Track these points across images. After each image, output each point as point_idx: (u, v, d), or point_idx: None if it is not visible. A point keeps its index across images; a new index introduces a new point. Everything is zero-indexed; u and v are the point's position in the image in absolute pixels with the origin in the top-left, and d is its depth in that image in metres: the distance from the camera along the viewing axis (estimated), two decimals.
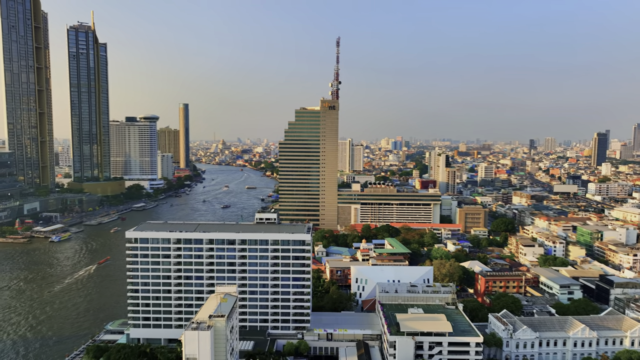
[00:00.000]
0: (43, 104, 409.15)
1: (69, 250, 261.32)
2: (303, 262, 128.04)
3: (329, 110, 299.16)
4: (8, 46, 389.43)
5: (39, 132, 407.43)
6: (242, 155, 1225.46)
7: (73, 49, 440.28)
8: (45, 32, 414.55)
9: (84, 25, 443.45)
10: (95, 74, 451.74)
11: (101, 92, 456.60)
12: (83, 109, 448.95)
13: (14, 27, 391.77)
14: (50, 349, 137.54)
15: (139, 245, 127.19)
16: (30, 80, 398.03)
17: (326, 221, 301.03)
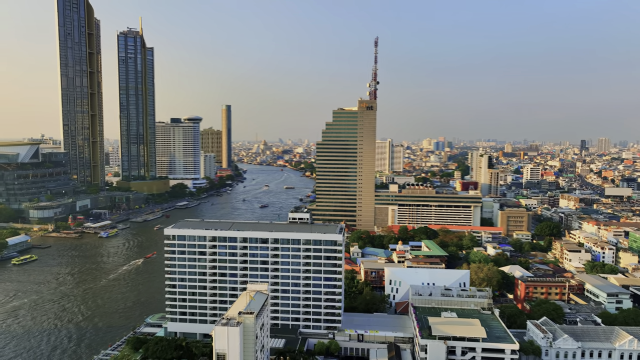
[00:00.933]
0: (95, 106, 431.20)
1: (116, 245, 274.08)
2: (334, 263, 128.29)
3: (366, 110, 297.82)
4: (64, 52, 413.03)
5: (90, 133, 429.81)
6: (283, 155, 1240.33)
7: (122, 54, 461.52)
8: (97, 38, 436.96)
9: (133, 30, 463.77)
10: (143, 77, 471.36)
11: (148, 95, 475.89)
12: (131, 111, 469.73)
13: (69, 35, 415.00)
14: (97, 338, 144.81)
15: (176, 242, 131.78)
16: (83, 84, 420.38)
17: (363, 222, 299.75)
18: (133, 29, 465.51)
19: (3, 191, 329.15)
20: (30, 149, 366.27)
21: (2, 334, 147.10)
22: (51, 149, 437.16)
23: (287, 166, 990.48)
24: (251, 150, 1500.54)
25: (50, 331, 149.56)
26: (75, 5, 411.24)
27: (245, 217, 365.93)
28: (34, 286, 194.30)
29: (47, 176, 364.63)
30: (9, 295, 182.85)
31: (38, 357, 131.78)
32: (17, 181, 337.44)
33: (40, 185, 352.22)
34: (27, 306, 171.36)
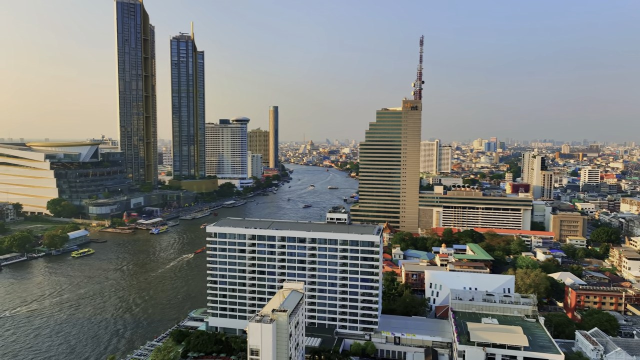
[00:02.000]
0: (149, 108, 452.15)
1: (166, 241, 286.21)
2: (372, 264, 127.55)
3: (411, 110, 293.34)
4: (122, 57, 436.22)
5: (145, 134, 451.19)
6: (329, 156, 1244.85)
7: (175, 58, 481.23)
8: (152, 43, 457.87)
9: (185, 35, 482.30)
10: (194, 80, 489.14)
11: (198, 97, 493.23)
12: (182, 113, 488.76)
13: (127, 41, 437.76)
14: (145, 329, 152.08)
15: (217, 240, 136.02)
16: (139, 87, 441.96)
17: (406, 224, 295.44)
18: (185, 34, 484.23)
19: (66, 188, 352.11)
20: (90, 149, 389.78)
21: (66, 321, 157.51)
22: (109, 149, 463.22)
23: (332, 167, 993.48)
24: (298, 150, 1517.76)
25: (107, 320, 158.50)
26: (132, 12, 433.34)
27: (289, 216, 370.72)
28: (92, 278, 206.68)
29: (105, 175, 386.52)
30: (72, 285, 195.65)
31: (97, 344, 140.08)
32: (79, 179, 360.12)
33: (99, 183, 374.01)
34: (87, 296, 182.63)
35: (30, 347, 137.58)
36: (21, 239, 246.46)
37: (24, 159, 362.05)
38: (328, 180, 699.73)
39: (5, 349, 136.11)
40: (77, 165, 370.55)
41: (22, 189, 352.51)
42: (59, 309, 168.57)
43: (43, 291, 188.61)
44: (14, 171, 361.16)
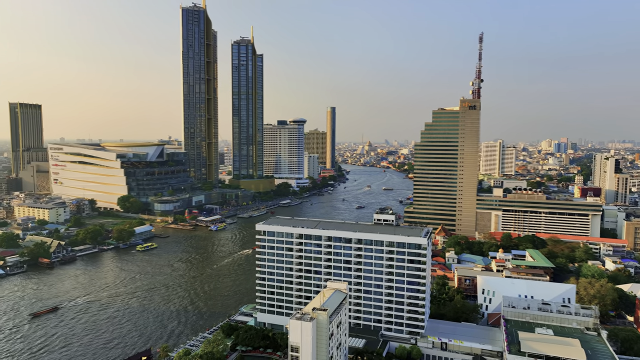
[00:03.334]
0: (211, 110, 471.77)
1: (224, 238, 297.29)
2: (418, 267, 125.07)
3: (469, 110, 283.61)
4: (186, 62, 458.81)
5: (207, 135, 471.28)
6: (387, 156, 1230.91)
7: (236, 61, 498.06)
8: (214, 48, 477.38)
9: (245, 39, 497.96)
10: (253, 83, 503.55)
11: (257, 99, 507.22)
12: (242, 114, 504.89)
13: (191, 46, 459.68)
14: (199, 321, 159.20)
15: (266, 238, 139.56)
16: (201, 91, 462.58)
17: (463, 227, 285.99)
18: (245, 38, 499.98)
19: (135, 186, 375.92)
20: (156, 150, 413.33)
21: (125, 309, 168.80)
22: (174, 149, 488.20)
23: (390, 167, 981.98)
24: (356, 151, 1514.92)
25: (163, 311, 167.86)
26: (196, 19, 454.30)
27: (343, 217, 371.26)
28: (154, 271, 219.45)
29: (170, 173, 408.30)
30: (134, 277, 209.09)
31: (151, 333, 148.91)
32: (146, 178, 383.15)
33: (163, 181, 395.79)
34: (148, 288, 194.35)
35: (96, 333, 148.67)
36: (94, 232, 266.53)
37: (98, 158, 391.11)
38: (384, 181, 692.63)
39: (78, 333, 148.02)
40: (144, 164, 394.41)
41: (96, 186, 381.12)
42: (123, 298, 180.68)
43: (110, 281, 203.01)
44: (90, 169, 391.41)
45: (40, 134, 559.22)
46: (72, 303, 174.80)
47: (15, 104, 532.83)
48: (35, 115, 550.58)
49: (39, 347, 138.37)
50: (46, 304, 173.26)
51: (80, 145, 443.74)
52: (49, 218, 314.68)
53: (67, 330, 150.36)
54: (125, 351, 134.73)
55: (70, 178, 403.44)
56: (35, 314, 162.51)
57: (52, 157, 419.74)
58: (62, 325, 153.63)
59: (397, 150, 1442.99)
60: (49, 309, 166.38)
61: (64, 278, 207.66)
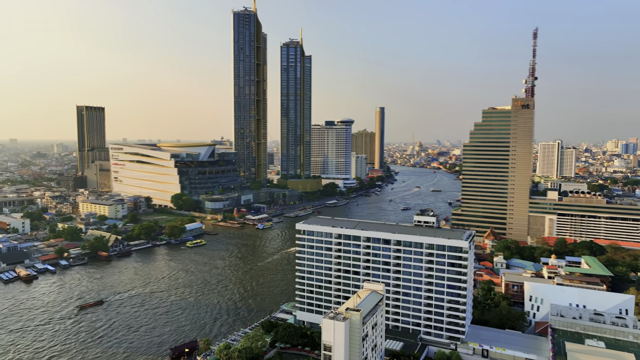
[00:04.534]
0: (260, 111, 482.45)
1: (271, 236, 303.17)
2: (459, 270, 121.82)
3: (521, 109, 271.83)
4: (237, 65, 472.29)
5: (256, 136, 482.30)
6: (438, 157, 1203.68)
7: (284, 63, 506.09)
8: (264, 50, 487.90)
9: (294, 41, 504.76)
10: (301, 84, 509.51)
11: (305, 99, 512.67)
12: (290, 115, 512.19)
13: (242, 49, 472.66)
14: (243, 317, 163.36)
15: (306, 237, 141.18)
16: (251, 92, 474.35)
17: (514, 231, 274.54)
18: (294, 40, 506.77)
19: (187, 185, 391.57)
20: (208, 150, 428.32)
21: (174, 303, 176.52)
22: (225, 150, 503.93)
23: (440, 168, 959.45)
24: (406, 152, 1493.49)
25: (209, 305, 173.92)
26: (247, 22, 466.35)
27: (388, 218, 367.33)
28: (203, 266, 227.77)
29: (220, 173, 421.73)
30: (183, 272, 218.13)
31: (202, 326, 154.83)
32: (197, 177, 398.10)
33: (214, 180, 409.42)
34: (197, 282, 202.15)
35: (149, 324, 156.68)
36: (148, 228, 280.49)
37: (154, 157, 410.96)
38: (434, 183, 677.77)
39: (129, 324, 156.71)
40: (196, 164, 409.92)
41: (152, 184, 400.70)
42: (171, 292, 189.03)
43: (161, 275, 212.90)
44: (146, 168, 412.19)
45: (103, 134, 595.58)
46: (127, 294, 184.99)
47: (82, 106, 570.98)
48: (99, 117, 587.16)
49: (99, 333, 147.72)
50: (102, 294, 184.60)
51: (138, 145, 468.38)
52: (109, 214, 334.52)
53: (121, 320, 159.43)
54: (171, 343, 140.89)
55: (128, 176, 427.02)
56: (83, 306, 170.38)
57: (112, 157, 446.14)
58: (116, 315, 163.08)
59: (448, 151, 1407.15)
60: (94, 302, 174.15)
61: (120, 271, 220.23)
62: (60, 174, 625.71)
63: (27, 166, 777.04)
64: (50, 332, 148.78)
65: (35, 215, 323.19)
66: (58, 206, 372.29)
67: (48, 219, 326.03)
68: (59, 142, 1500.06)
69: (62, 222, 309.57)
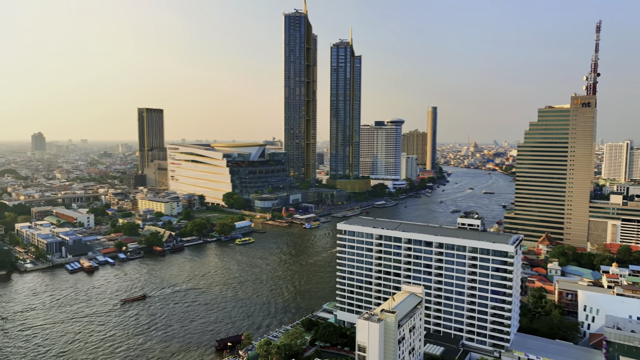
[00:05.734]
0: (309, 112, 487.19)
1: (317, 236, 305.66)
2: (504, 276, 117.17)
3: (581, 107, 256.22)
4: (288, 66, 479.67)
5: (305, 136, 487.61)
6: (494, 158, 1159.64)
7: (334, 64, 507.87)
8: (314, 51, 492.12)
9: (344, 42, 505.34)
10: (351, 84, 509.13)
11: (354, 100, 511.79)
12: (340, 115, 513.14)
13: (292, 51, 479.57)
14: (287, 314, 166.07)
15: (347, 237, 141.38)
16: (301, 93, 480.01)
17: (571, 236, 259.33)
18: (344, 40, 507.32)
19: (238, 184, 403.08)
20: (258, 150, 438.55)
21: (226, 298, 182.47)
22: (275, 150, 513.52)
23: (496, 170, 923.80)
24: (460, 152, 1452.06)
25: (256, 302, 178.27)
26: (298, 24, 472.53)
27: (438, 220, 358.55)
28: (251, 263, 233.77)
29: (270, 172, 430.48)
30: (232, 268, 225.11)
31: (247, 321, 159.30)
32: (248, 176, 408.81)
33: (264, 180, 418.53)
34: (246, 279, 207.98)
35: (197, 317, 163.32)
36: (200, 225, 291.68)
37: (207, 157, 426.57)
38: (488, 185, 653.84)
39: (179, 316, 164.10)
40: (247, 163, 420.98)
41: (205, 182, 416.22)
42: (221, 287, 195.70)
43: (212, 270, 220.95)
44: (200, 168, 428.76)
45: (161, 135, 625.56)
46: (177, 288, 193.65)
47: (142, 109, 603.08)
48: (158, 119, 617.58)
49: (147, 325, 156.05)
50: (154, 287, 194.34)
51: (193, 145, 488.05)
52: (165, 211, 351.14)
53: (171, 312, 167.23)
54: (217, 335, 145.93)
55: (184, 175, 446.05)
56: (126, 300, 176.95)
57: (169, 156, 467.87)
58: (167, 308, 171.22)
59: (505, 152, 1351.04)
60: (137, 297, 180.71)
61: (172, 265, 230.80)
62: (123, 172, 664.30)
63: (94, 165, 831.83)
64: (107, 321, 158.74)
65: (99, 210, 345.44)
66: (120, 202, 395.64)
67: (110, 214, 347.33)
68: (124, 142, 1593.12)
69: (123, 217, 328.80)
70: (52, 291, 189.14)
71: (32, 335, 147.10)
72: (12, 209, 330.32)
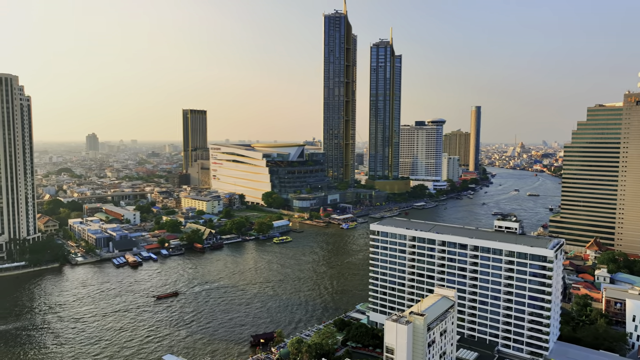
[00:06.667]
0: (348, 112, 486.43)
1: (354, 236, 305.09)
2: (543, 281, 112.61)
3: (635, 106, 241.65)
4: (327, 67, 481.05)
5: (344, 136, 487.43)
6: (542, 159, 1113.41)
7: (374, 63, 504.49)
8: (354, 52, 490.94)
9: (384, 41, 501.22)
10: (391, 84, 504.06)
11: (394, 100, 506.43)
12: (379, 116, 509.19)
13: (332, 51, 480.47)
14: (321, 314, 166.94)
15: (379, 238, 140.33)
16: (340, 94, 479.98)
17: (623, 242, 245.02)
18: (384, 40, 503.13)
19: (277, 183, 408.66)
20: (297, 150, 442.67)
21: (263, 295, 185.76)
22: (314, 150, 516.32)
23: (544, 171, 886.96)
24: (506, 153, 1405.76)
25: (294, 300, 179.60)
26: (338, 24, 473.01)
27: (478, 222, 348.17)
28: (288, 262, 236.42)
29: (308, 172, 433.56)
30: (269, 266, 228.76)
31: (282, 318, 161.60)
32: (287, 176, 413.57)
33: (302, 180, 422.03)
34: (278, 277, 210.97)
35: (234, 312, 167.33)
36: (239, 223, 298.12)
37: (248, 157, 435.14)
38: (535, 186, 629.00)
39: (217, 311, 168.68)
40: (286, 163, 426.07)
41: (245, 182, 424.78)
42: (257, 285, 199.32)
43: (249, 268, 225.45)
44: (241, 167, 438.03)
45: (205, 135, 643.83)
46: (216, 285, 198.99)
47: (187, 110, 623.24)
48: (201, 119, 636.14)
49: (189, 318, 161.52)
50: (200, 281, 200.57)
51: (234, 145, 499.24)
52: (206, 209, 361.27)
53: (210, 307, 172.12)
54: (252, 331, 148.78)
55: (225, 174, 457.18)
56: (159, 296, 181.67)
57: (212, 156, 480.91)
58: (204, 302, 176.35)
59: (555, 153, 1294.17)
60: (169, 293, 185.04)
61: (212, 262, 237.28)
62: (169, 171, 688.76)
63: (142, 164, 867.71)
64: (149, 313, 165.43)
65: (145, 208, 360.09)
66: (164, 201, 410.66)
67: (155, 212, 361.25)
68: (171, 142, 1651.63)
69: (166, 215, 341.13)
70: (99, 284, 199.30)
71: (81, 324, 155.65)
72: (66, 205, 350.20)
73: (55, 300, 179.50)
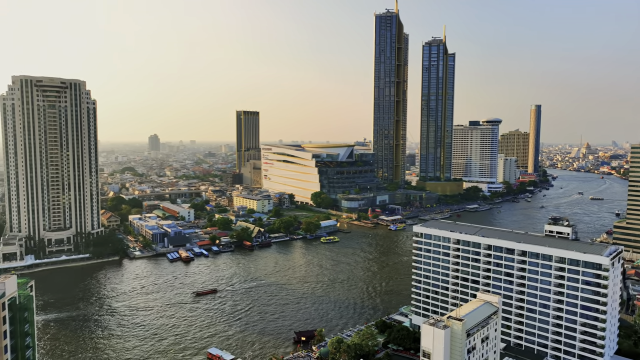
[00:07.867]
0: (399, 112, 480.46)
1: (402, 237, 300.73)
2: (596, 290, 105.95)
3: None
4: (378, 66, 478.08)
5: (394, 137, 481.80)
6: (610, 161, 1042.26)
7: (426, 63, 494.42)
8: (405, 51, 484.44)
9: (436, 39, 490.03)
10: (444, 83, 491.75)
11: (447, 99, 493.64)
12: (431, 116, 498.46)
13: (383, 51, 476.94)
14: (366, 315, 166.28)
15: (423, 240, 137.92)
16: (391, 93, 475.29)
17: None
18: (437, 38, 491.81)
19: (326, 183, 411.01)
20: (347, 150, 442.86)
21: (308, 294, 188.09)
22: (364, 150, 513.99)
23: (612, 174, 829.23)
24: (569, 154, 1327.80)
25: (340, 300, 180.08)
26: (389, 24, 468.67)
27: (533, 227, 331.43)
28: (334, 262, 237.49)
29: (357, 173, 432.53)
30: (315, 266, 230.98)
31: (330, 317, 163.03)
32: (336, 176, 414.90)
33: (351, 180, 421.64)
34: (328, 276, 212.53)
35: (282, 310, 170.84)
36: (287, 222, 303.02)
37: (297, 157, 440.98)
38: (600, 190, 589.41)
39: (264, 307, 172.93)
40: (335, 164, 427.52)
41: (295, 182, 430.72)
42: (306, 283, 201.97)
43: (296, 266, 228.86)
44: (291, 167, 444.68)
45: (257, 136, 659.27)
46: (264, 282, 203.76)
47: (240, 111, 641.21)
48: (254, 120, 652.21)
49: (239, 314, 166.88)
50: (253, 277, 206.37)
51: (284, 145, 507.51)
52: (257, 208, 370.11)
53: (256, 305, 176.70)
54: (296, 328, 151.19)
55: (276, 174, 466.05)
56: (198, 292, 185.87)
57: (263, 156, 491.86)
58: (251, 299, 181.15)
59: (625, 154, 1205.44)
60: (209, 290, 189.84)
61: (260, 259, 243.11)
62: (224, 171, 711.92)
63: (199, 164, 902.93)
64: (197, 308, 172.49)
65: (199, 206, 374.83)
66: (217, 199, 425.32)
67: (208, 210, 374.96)
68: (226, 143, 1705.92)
69: (219, 213, 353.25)
70: (154, 277, 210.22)
71: (138, 314, 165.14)
72: (127, 202, 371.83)
73: (116, 290, 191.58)
